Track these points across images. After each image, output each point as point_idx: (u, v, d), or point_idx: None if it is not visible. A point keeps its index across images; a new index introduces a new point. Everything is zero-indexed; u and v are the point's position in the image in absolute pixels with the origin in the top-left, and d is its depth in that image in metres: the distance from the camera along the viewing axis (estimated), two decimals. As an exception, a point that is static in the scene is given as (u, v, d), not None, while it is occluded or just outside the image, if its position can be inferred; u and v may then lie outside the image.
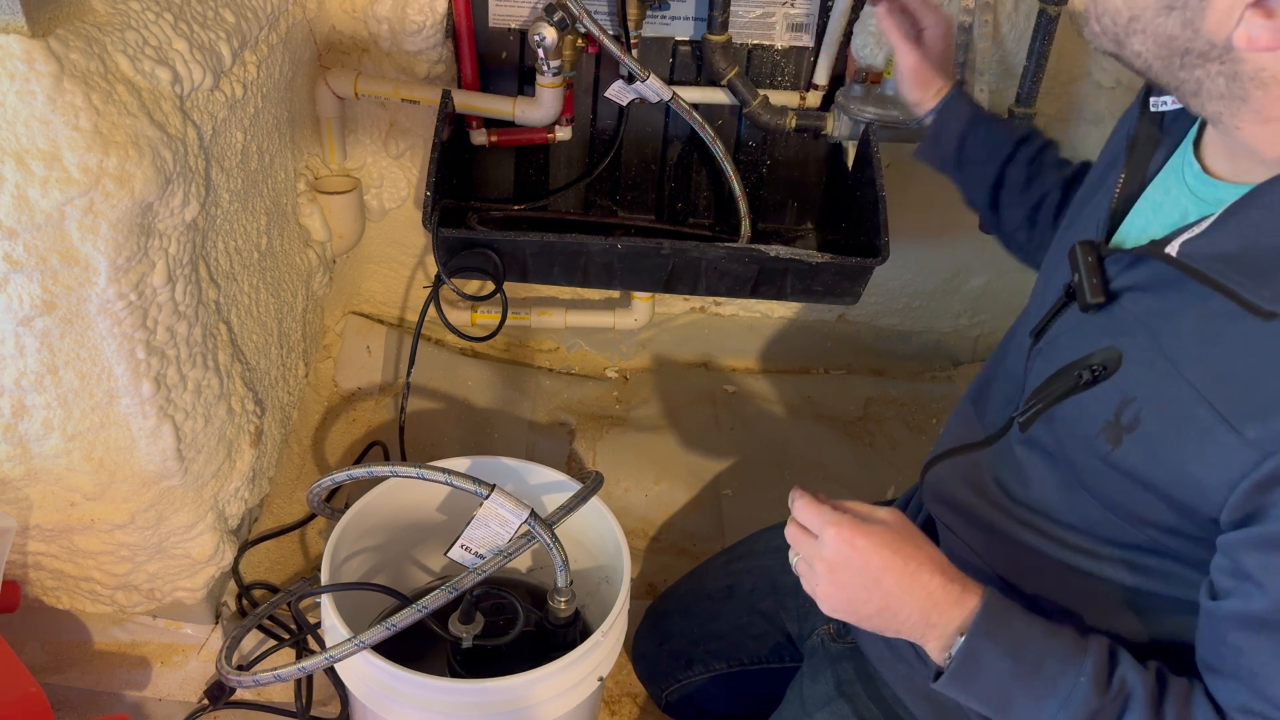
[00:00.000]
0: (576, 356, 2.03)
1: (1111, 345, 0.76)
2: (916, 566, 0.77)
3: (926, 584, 0.76)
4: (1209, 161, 0.75)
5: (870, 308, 1.97)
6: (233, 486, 1.31)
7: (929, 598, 0.76)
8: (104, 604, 1.30)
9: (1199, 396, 0.68)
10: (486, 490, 1.03)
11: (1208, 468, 0.68)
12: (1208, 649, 0.72)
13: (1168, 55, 0.69)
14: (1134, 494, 0.74)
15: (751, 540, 1.28)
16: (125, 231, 0.97)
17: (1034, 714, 0.73)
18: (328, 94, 1.59)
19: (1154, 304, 0.74)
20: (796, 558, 0.83)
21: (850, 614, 0.79)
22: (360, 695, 1.06)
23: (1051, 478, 0.83)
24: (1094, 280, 0.78)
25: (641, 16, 1.53)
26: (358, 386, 1.86)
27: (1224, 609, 0.69)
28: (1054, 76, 1.59)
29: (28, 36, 0.86)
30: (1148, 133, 0.83)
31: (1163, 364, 0.71)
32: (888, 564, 0.76)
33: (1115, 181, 0.83)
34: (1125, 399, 0.73)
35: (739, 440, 1.85)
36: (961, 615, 0.76)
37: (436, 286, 1.51)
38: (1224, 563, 0.69)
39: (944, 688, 0.77)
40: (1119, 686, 0.72)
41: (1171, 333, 0.71)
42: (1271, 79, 0.65)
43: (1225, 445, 0.66)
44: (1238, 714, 0.69)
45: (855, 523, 0.78)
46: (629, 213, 1.76)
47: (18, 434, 1.10)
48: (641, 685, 1.34)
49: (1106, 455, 0.75)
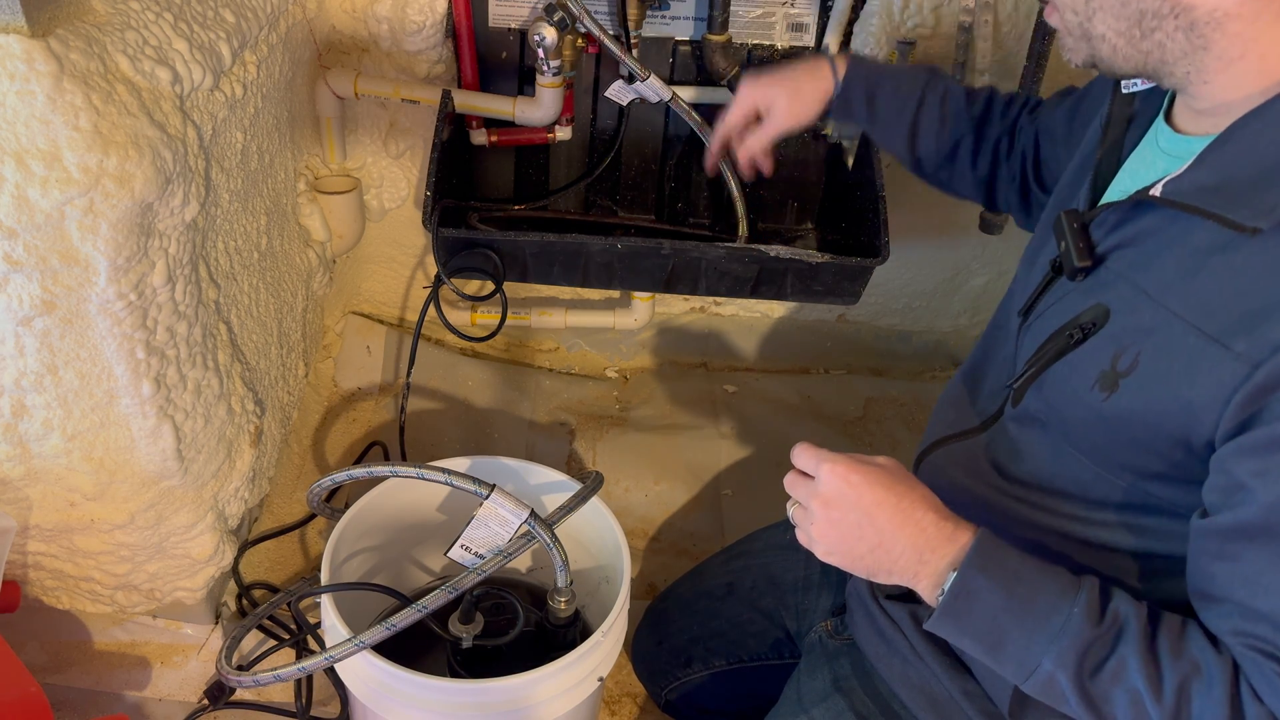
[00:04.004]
0: (576, 356, 2.03)
1: (1098, 303, 0.78)
2: (909, 504, 0.78)
3: (919, 520, 0.77)
4: (1180, 124, 0.79)
5: (870, 308, 1.97)
6: (233, 486, 1.31)
7: (921, 533, 0.77)
8: (104, 604, 1.30)
9: (1187, 325, 0.70)
10: (486, 490, 1.03)
11: (1200, 389, 0.69)
12: (1198, 573, 0.72)
13: (1128, 27, 0.72)
14: (1126, 442, 0.76)
15: (751, 538, 1.28)
16: (125, 231, 0.97)
17: (1026, 648, 0.73)
18: (328, 94, 1.59)
19: (1136, 256, 0.76)
20: (794, 506, 0.84)
21: (844, 554, 0.80)
22: (360, 695, 1.06)
23: (1043, 448, 0.84)
24: (1080, 245, 0.81)
25: (641, 16, 1.53)
26: (358, 386, 1.86)
27: (1216, 523, 0.70)
28: (1054, 76, 1.58)
29: (28, 36, 0.86)
30: (1121, 112, 0.86)
31: (1149, 305, 0.73)
32: (881, 500, 0.77)
33: (1094, 159, 0.87)
34: (1119, 347, 0.75)
35: (739, 440, 1.85)
36: (954, 550, 0.76)
37: (436, 286, 1.51)
38: (1216, 480, 0.70)
39: (936, 626, 0.77)
40: (1112, 618, 0.72)
41: (1155, 276, 0.74)
42: (1225, 16, 0.68)
43: (1216, 362, 0.68)
44: (1230, 638, 0.69)
45: (850, 460, 0.80)
46: (629, 213, 1.76)
47: (18, 434, 1.10)
48: (641, 685, 1.34)
49: (1099, 406, 0.76)
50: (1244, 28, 0.68)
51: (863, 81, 1.17)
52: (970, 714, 0.91)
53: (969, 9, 1.50)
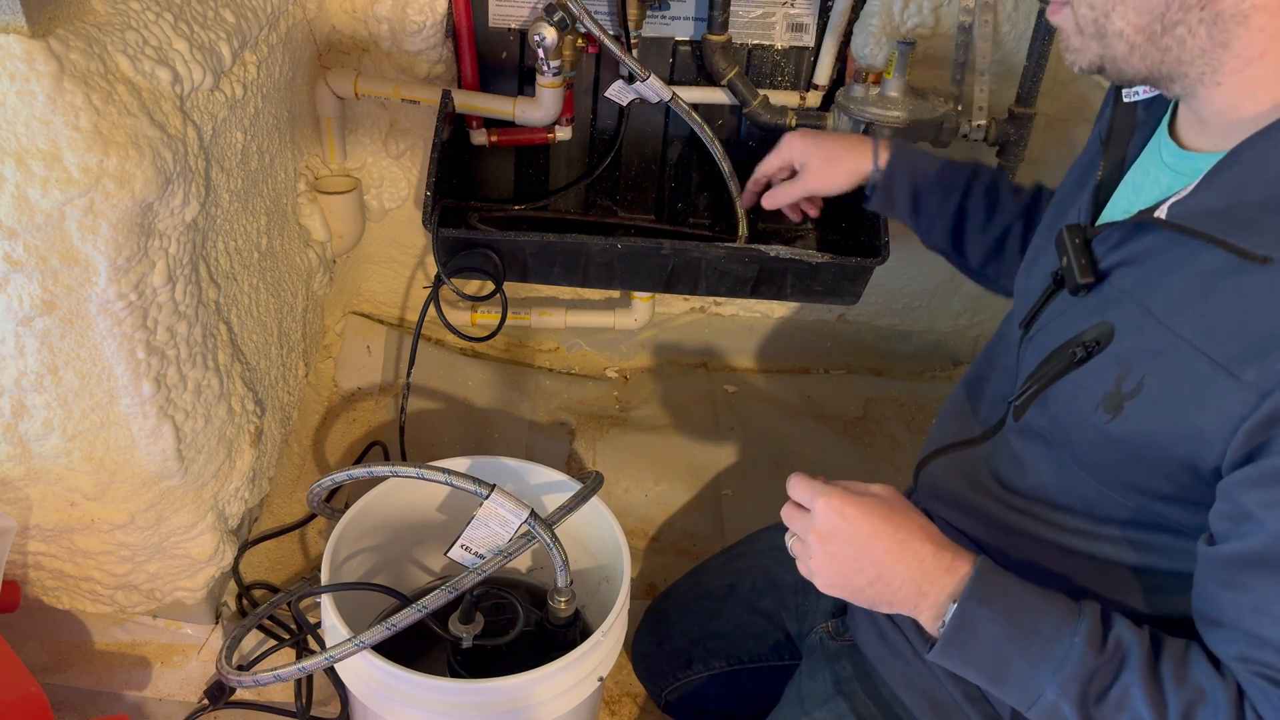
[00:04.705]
0: (576, 356, 2.03)
1: (1102, 321, 0.77)
2: (906, 535, 0.77)
3: (917, 551, 0.77)
4: (1184, 138, 0.77)
5: (870, 308, 1.97)
6: (233, 486, 1.31)
7: (920, 565, 0.77)
8: (104, 604, 1.30)
9: (1196, 351, 0.69)
10: (486, 490, 1.03)
11: (1208, 416, 0.68)
12: (1204, 598, 0.72)
13: (1149, 21, 0.70)
14: (1132, 463, 0.75)
15: (751, 539, 1.28)
16: (125, 231, 0.97)
17: (1030, 678, 0.73)
18: (328, 94, 1.59)
19: (1141, 275, 0.75)
20: (793, 539, 0.84)
21: (844, 587, 0.80)
22: (360, 695, 1.06)
23: (1047, 463, 0.83)
24: (1083, 261, 0.79)
25: (641, 16, 1.53)
26: (358, 386, 1.86)
27: (1223, 551, 0.69)
28: (1054, 76, 1.59)
29: (28, 36, 0.86)
30: (1123, 122, 0.85)
31: (1155, 328, 0.72)
32: (877, 531, 0.77)
33: (1095, 171, 0.85)
34: (1124, 368, 0.74)
35: (739, 440, 1.85)
36: (954, 582, 0.76)
37: (436, 286, 1.51)
38: (1223, 507, 0.69)
39: (939, 657, 0.77)
40: (1114, 646, 0.72)
41: (1161, 297, 0.72)
42: (1252, 8, 0.67)
43: (1225, 392, 0.67)
44: (1236, 663, 0.69)
45: (845, 493, 0.79)
46: (629, 213, 1.76)
47: (18, 434, 1.10)
48: (641, 685, 1.34)
49: (1104, 426, 0.75)
50: (1268, 21, 0.67)
51: (907, 171, 1.16)
52: (972, 717, 0.91)
53: (969, 9, 1.50)
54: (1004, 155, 1.60)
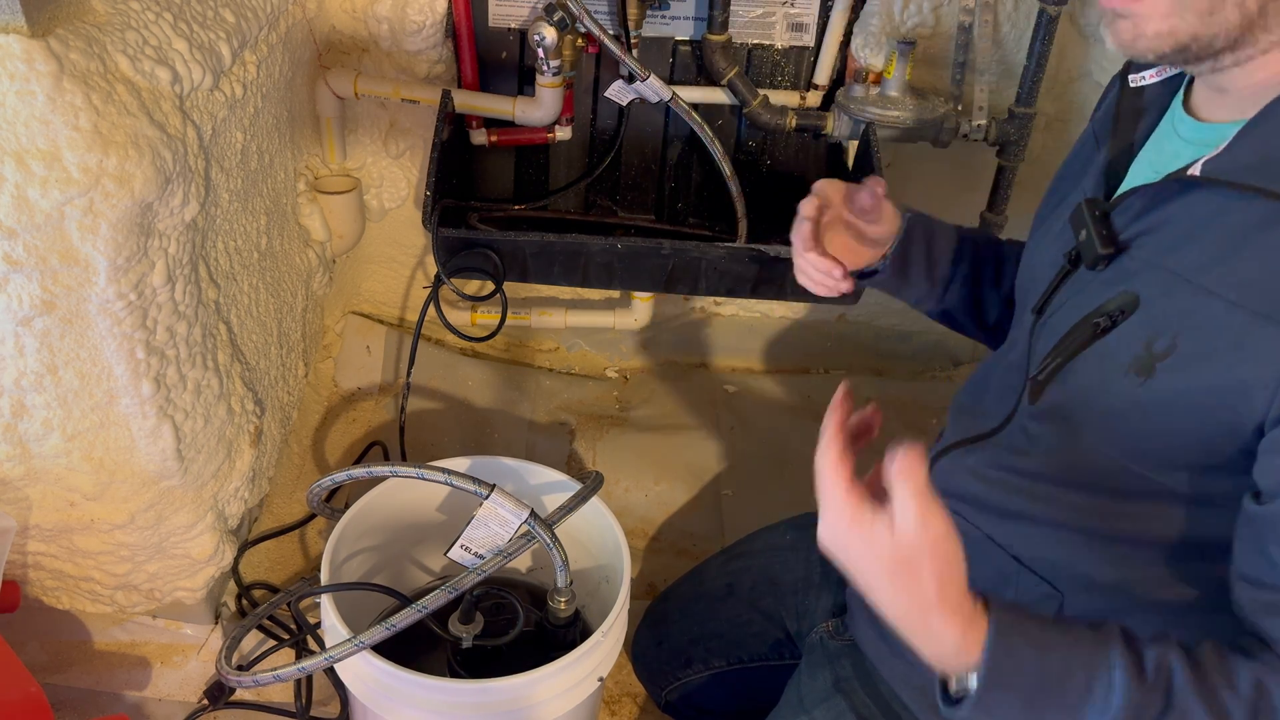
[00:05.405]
0: (576, 356, 2.03)
1: (1124, 290, 0.76)
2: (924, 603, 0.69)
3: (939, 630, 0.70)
4: (1201, 112, 0.77)
5: (870, 308, 1.97)
6: (232, 486, 1.31)
7: (937, 644, 0.71)
8: (104, 604, 1.30)
9: (1230, 305, 0.68)
10: (486, 490, 1.03)
11: (1250, 366, 0.67)
12: (1255, 560, 0.69)
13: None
14: (1161, 431, 0.73)
15: (751, 539, 1.28)
16: (125, 231, 0.97)
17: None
18: (328, 94, 1.59)
19: (1164, 240, 0.74)
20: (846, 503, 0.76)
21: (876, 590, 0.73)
22: (360, 695, 1.06)
23: (1066, 443, 0.82)
24: (1103, 232, 0.78)
25: (641, 16, 1.53)
26: (358, 386, 1.86)
27: (1277, 508, 0.67)
28: (1054, 76, 1.59)
29: (28, 36, 0.86)
30: (1130, 105, 0.85)
31: (1184, 287, 0.71)
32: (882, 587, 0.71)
33: (1100, 154, 0.85)
34: (1153, 330, 0.73)
35: (739, 440, 1.85)
36: (967, 661, 0.70)
37: (436, 286, 1.51)
38: (1273, 461, 0.67)
39: None
40: (1155, 668, 0.67)
41: (1189, 258, 0.72)
42: None
43: (1267, 339, 0.66)
44: None
45: (950, 524, 0.69)
46: (629, 213, 1.76)
47: (18, 434, 1.10)
48: (641, 685, 1.34)
49: (1135, 390, 0.74)
50: None
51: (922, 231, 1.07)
52: (971, 716, 0.90)
53: (969, 9, 1.50)
54: (1004, 155, 1.60)
